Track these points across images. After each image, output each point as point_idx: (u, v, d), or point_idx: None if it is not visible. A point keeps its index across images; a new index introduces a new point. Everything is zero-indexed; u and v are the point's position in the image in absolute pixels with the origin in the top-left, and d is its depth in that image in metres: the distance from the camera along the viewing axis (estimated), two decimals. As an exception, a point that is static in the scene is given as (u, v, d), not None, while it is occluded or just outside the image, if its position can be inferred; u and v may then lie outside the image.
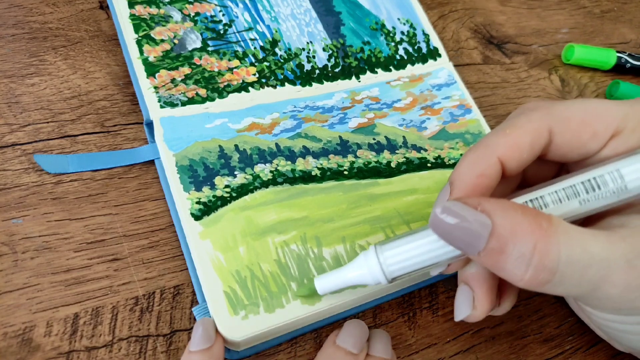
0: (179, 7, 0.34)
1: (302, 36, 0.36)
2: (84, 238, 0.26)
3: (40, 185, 0.27)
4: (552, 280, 0.19)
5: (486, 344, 0.29)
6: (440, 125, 0.34)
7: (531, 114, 0.22)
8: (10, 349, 0.23)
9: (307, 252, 0.27)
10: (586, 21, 0.49)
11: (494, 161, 0.22)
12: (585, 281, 0.19)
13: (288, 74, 0.34)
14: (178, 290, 0.26)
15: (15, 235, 0.25)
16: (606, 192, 0.20)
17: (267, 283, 0.25)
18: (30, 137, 0.28)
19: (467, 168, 0.22)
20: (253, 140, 0.30)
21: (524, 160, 0.22)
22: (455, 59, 0.41)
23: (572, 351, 0.30)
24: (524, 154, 0.22)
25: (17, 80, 0.30)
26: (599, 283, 0.19)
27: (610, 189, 0.20)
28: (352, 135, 0.32)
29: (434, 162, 0.33)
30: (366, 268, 0.23)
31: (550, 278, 0.19)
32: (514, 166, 0.22)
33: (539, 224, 0.19)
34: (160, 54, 0.31)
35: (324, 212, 0.28)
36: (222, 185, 0.28)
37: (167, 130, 0.29)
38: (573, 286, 0.19)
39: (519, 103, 0.40)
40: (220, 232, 0.26)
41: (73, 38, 0.32)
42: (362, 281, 0.23)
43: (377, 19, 0.38)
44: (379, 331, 0.26)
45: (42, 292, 0.25)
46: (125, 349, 0.24)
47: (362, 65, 0.36)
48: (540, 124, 0.22)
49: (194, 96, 0.31)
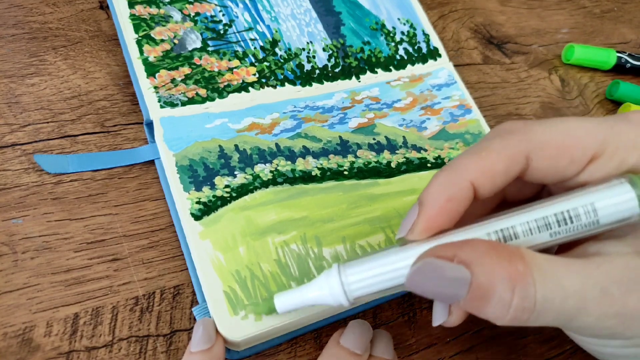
0: (179, 7, 0.34)
1: (302, 36, 0.36)
2: (84, 238, 0.26)
3: (40, 185, 0.27)
4: (530, 317, 0.19)
5: (486, 344, 0.29)
6: (440, 126, 0.34)
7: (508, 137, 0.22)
8: (10, 349, 0.23)
9: (307, 252, 0.27)
10: (586, 21, 0.49)
11: (465, 185, 0.21)
12: (562, 314, 0.19)
13: (288, 74, 0.34)
14: (178, 290, 0.26)
15: (15, 235, 0.25)
16: (578, 226, 0.20)
17: (267, 283, 0.25)
18: (30, 137, 0.28)
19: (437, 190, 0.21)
20: (253, 140, 0.30)
21: (497, 185, 0.22)
22: (455, 59, 0.41)
23: (572, 351, 0.30)
24: (497, 180, 0.21)
25: (17, 80, 0.30)
26: (575, 314, 0.19)
27: (583, 222, 0.20)
28: (352, 135, 0.32)
29: (434, 162, 0.33)
30: (327, 287, 0.21)
31: (529, 316, 0.19)
32: (486, 191, 0.22)
33: (515, 267, 0.19)
34: (160, 54, 0.31)
35: (324, 212, 0.28)
36: (222, 185, 0.28)
37: (167, 130, 0.29)
38: (551, 319, 0.19)
39: (519, 103, 0.40)
40: (220, 232, 0.26)
41: (73, 38, 0.32)
42: (322, 301, 0.22)
43: (377, 19, 0.38)
44: (381, 331, 0.26)
45: (42, 292, 0.25)
46: (125, 349, 0.24)
47: (362, 65, 0.36)
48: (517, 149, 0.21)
49: (194, 96, 0.31)
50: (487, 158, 0.21)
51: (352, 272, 0.21)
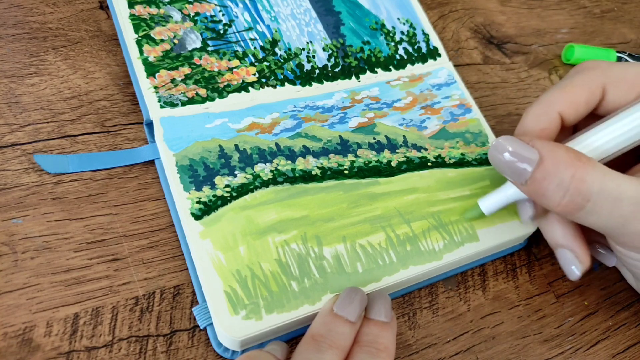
0: (179, 7, 0.34)
1: (302, 36, 0.36)
2: (84, 238, 0.26)
3: (40, 185, 0.27)
4: (585, 206, 0.22)
5: (486, 344, 0.29)
6: (441, 125, 0.34)
7: (588, 73, 0.26)
8: (10, 349, 0.23)
9: (307, 252, 0.27)
10: (586, 21, 0.49)
11: (555, 116, 0.26)
12: (616, 215, 0.22)
13: (288, 73, 0.34)
14: (178, 290, 0.26)
15: (15, 235, 0.25)
16: None
17: (267, 282, 0.25)
18: (30, 137, 0.28)
19: (532, 121, 0.26)
20: (253, 140, 0.30)
21: (580, 114, 0.26)
22: (455, 59, 0.41)
23: (572, 351, 0.30)
24: (580, 109, 0.26)
25: (17, 80, 0.30)
26: (628, 218, 0.22)
27: None
28: (352, 134, 0.32)
29: (435, 161, 0.33)
30: None
31: (583, 204, 0.22)
32: (571, 119, 0.26)
33: (579, 158, 0.22)
34: (160, 54, 0.31)
35: (324, 211, 0.28)
36: (222, 184, 0.28)
37: (167, 130, 0.29)
38: (605, 218, 0.23)
39: (519, 103, 0.40)
40: (221, 231, 0.26)
41: (73, 38, 0.32)
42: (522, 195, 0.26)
43: (377, 19, 0.38)
44: (379, 293, 0.26)
45: (42, 292, 0.24)
46: (125, 349, 0.24)
47: (362, 65, 0.36)
48: (596, 83, 0.26)
49: (194, 96, 0.31)
50: (571, 91, 0.26)
51: None
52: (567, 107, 0.26)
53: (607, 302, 0.32)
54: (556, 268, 0.33)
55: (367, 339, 0.24)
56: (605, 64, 0.27)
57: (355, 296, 0.25)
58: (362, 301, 0.25)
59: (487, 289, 0.31)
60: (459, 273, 0.31)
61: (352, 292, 0.25)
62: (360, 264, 0.27)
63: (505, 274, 0.32)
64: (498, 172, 0.25)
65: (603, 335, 0.31)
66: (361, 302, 0.24)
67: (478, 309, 0.30)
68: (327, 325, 0.23)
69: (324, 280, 0.26)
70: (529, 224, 0.31)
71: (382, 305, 0.25)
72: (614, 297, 0.33)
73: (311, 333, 0.23)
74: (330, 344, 0.22)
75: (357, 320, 0.24)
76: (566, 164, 0.22)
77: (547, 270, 0.33)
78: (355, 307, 0.24)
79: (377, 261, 0.27)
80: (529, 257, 0.33)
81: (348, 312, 0.24)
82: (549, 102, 0.26)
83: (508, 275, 0.32)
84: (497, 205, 0.28)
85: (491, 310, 0.30)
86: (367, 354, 0.23)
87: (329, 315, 0.24)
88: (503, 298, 0.31)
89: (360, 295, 0.25)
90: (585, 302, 0.32)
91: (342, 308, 0.24)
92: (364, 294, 0.25)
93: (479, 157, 0.34)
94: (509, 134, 0.38)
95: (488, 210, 0.28)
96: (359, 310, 0.24)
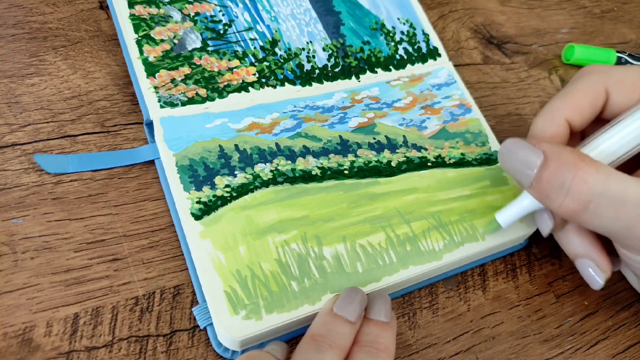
0: (179, 7, 0.34)
1: (302, 36, 0.36)
2: (84, 238, 0.26)
3: (40, 185, 0.27)
4: (587, 208, 0.22)
5: (486, 344, 0.29)
6: (441, 125, 0.34)
7: (590, 77, 0.27)
8: (10, 349, 0.23)
9: (307, 252, 0.27)
10: (586, 21, 0.49)
11: (561, 122, 0.26)
12: (621, 217, 0.22)
13: (288, 73, 0.34)
14: (178, 290, 0.26)
15: (15, 235, 0.25)
16: None
17: (267, 282, 0.25)
18: (30, 137, 0.28)
19: (540, 131, 0.26)
20: (253, 140, 0.30)
21: (586, 118, 0.26)
22: (455, 59, 0.41)
23: (572, 351, 0.30)
24: (585, 113, 0.26)
25: (17, 80, 0.30)
26: (634, 221, 0.22)
27: None
28: (352, 134, 0.32)
29: (435, 161, 0.33)
30: None
31: (585, 206, 0.22)
32: (578, 125, 0.26)
33: (582, 159, 0.23)
34: (160, 54, 0.31)
35: (324, 211, 0.28)
36: (222, 184, 0.28)
37: (167, 130, 0.29)
38: (609, 220, 0.22)
39: (519, 103, 0.40)
40: (221, 231, 0.26)
41: (73, 38, 0.32)
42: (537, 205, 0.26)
43: (377, 19, 0.38)
44: (379, 293, 0.26)
45: (42, 292, 0.24)
46: (125, 349, 0.24)
47: (362, 65, 0.36)
48: (598, 85, 0.26)
49: (194, 96, 0.31)
50: (575, 96, 0.26)
51: None
52: (572, 113, 0.26)
53: (607, 302, 0.32)
54: (556, 268, 0.33)
55: (367, 339, 0.24)
56: (605, 68, 0.27)
57: (355, 296, 0.24)
58: (362, 301, 0.24)
59: (487, 289, 0.31)
60: (459, 273, 0.31)
61: (352, 292, 0.25)
62: (360, 264, 0.27)
63: (505, 274, 0.32)
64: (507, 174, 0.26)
65: (603, 335, 0.31)
66: (361, 302, 0.24)
67: (478, 309, 0.30)
68: (327, 325, 0.23)
69: (324, 280, 0.26)
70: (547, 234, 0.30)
71: (382, 305, 0.25)
72: (614, 297, 0.33)
73: (311, 333, 0.23)
74: (330, 344, 0.22)
75: (357, 320, 0.24)
76: (569, 165, 0.22)
77: (547, 270, 0.33)
78: (355, 307, 0.24)
79: (377, 261, 0.27)
80: (529, 257, 0.33)
81: (348, 312, 0.24)
82: (554, 110, 0.26)
83: (508, 275, 0.32)
84: (514, 218, 0.28)
85: (491, 310, 0.30)
86: (367, 354, 0.23)
87: (329, 315, 0.24)
88: (503, 298, 0.31)
89: (360, 295, 0.25)
90: (585, 302, 0.32)
91: (342, 308, 0.24)
92: (364, 294, 0.25)
93: (479, 157, 0.34)
94: (509, 133, 0.38)
95: (505, 222, 0.28)
96: (359, 310, 0.24)
